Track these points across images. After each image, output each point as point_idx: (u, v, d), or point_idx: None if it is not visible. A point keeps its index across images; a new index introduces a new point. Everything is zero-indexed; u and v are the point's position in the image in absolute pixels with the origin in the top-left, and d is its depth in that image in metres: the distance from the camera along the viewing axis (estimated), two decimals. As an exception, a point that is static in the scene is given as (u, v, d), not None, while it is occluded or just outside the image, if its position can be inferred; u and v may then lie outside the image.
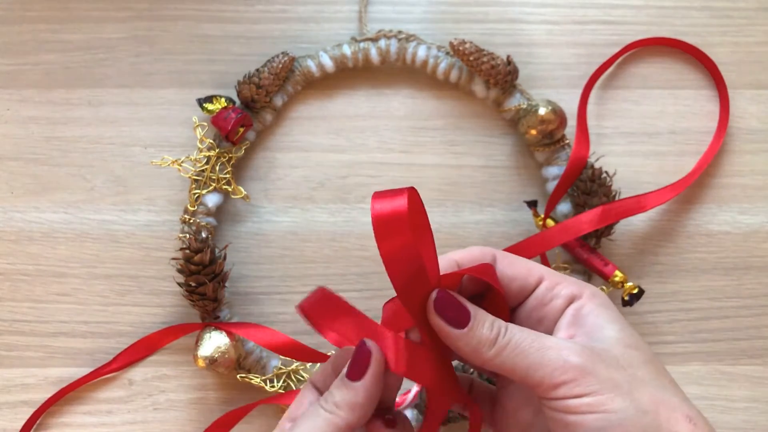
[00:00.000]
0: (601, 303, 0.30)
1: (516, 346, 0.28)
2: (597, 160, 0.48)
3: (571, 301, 0.31)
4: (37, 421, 0.47)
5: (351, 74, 0.50)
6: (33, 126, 0.49)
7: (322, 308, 0.31)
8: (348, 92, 0.50)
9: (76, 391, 0.47)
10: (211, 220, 0.47)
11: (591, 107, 0.50)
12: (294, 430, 0.29)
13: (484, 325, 0.29)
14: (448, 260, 0.32)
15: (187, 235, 0.45)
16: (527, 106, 0.47)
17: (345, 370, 0.30)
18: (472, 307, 0.29)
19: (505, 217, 0.49)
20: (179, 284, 0.46)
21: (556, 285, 0.31)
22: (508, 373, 0.29)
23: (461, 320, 0.29)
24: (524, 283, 0.31)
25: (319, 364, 0.42)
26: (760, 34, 0.51)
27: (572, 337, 0.30)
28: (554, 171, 0.48)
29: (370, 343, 0.30)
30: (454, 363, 0.40)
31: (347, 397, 0.29)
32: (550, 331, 0.30)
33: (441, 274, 0.30)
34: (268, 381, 0.46)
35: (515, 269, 0.32)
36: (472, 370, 0.44)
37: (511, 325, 0.29)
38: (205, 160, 0.47)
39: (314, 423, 0.29)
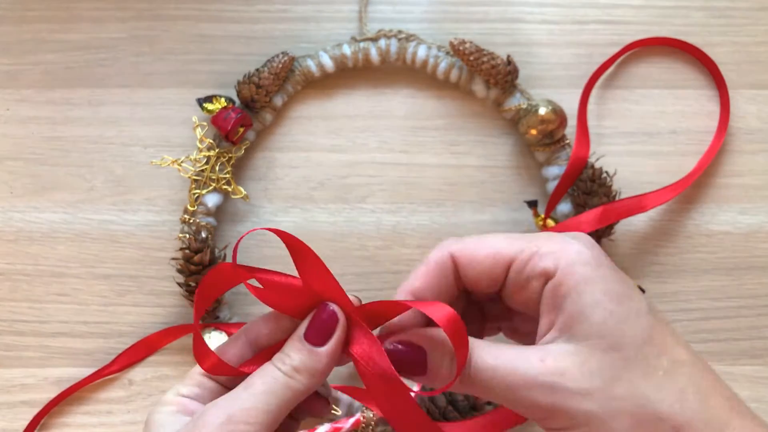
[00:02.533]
0: (581, 275, 0.27)
1: (485, 385, 0.27)
2: (597, 160, 0.48)
3: (546, 278, 0.27)
4: (41, 422, 0.47)
5: (351, 74, 0.50)
6: (33, 126, 0.49)
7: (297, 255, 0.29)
8: (348, 92, 0.50)
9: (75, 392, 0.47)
10: (211, 220, 0.47)
11: (591, 107, 0.50)
12: (249, 389, 0.28)
13: (443, 366, 0.28)
14: (404, 294, 0.30)
15: (187, 235, 0.45)
16: (527, 106, 0.47)
17: (302, 331, 0.29)
18: (428, 347, 0.28)
19: (506, 217, 0.49)
20: (179, 284, 0.46)
21: (526, 264, 0.28)
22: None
23: (416, 369, 0.28)
24: (493, 277, 0.29)
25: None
26: (760, 34, 0.51)
27: (552, 325, 0.27)
28: (554, 171, 0.48)
29: (335, 308, 0.29)
30: None
31: (309, 362, 0.28)
32: (536, 314, 0.28)
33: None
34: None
35: (478, 269, 0.29)
36: None
37: (477, 355, 0.27)
38: (205, 160, 0.47)
39: (270, 386, 0.28)
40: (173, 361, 0.48)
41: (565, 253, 0.27)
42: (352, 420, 0.45)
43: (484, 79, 0.48)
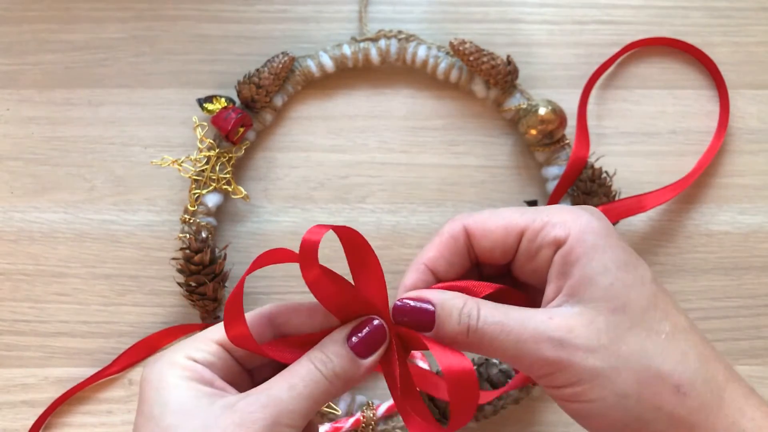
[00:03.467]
0: (590, 243, 0.27)
1: (491, 340, 0.27)
2: (597, 160, 0.48)
3: (557, 246, 0.28)
4: (45, 422, 0.47)
5: (351, 74, 0.50)
6: (33, 126, 0.49)
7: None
8: (348, 92, 0.50)
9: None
10: (211, 220, 0.47)
11: (591, 107, 0.50)
12: (290, 391, 0.27)
13: (451, 321, 0.28)
14: (417, 268, 0.30)
15: (187, 235, 0.46)
16: (527, 106, 0.47)
17: (344, 336, 0.28)
18: (437, 302, 0.28)
19: (505, 217, 0.49)
20: (179, 284, 0.46)
21: (538, 233, 0.28)
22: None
23: (424, 324, 0.28)
24: (506, 247, 0.29)
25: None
26: (760, 34, 0.51)
27: (559, 293, 0.28)
28: (554, 171, 0.48)
29: (384, 324, 0.29)
30: None
31: (350, 371, 0.28)
32: (544, 282, 0.29)
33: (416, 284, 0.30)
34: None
35: (491, 238, 0.29)
36: None
37: (485, 311, 0.27)
38: (205, 160, 0.47)
39: (313, 390, 0.27)
40: (173, 361, 0.48)
41: (576, 222, 0.28)
42: (352, 420, 0.45)
43: (484, 79, 0.48)
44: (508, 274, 0.32)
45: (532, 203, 0.48)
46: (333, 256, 0.36)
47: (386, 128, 0.50)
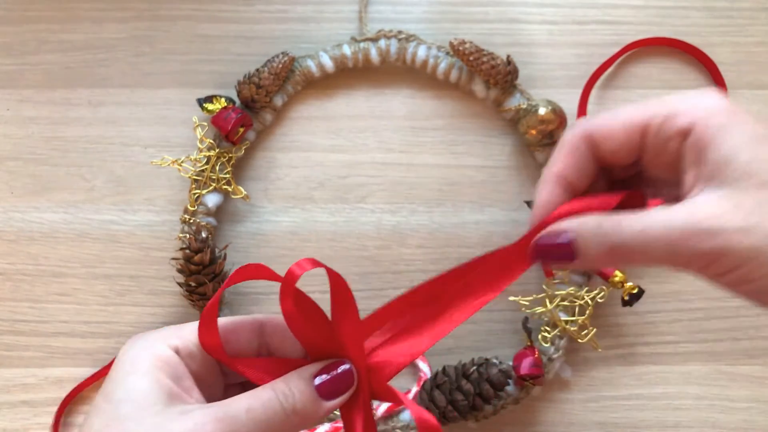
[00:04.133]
0: (722, 123, 0.26)
1: (637, 251, 0.26)
2: (597, 160, 0.48)
3: (684, 136, 0.27)
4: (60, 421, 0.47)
5: (351, 74, 0.50)
6: (33, 126, 0.49)
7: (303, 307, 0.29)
8: (348, 92, 0.50)
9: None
10: (211, 220, 0.47)
11: (591, 107, 0.50)
12: (248, 413, 0.27)
13: (591, 247, 0.27)
14: (549, 179, 0.30)
15: (187, 235, 0.46)
16: (527, 106, 0.47)
17: (311, 374, 0.29)
18: (574, 230, 0.27)
19: (505, 217, 0.49)
20: (179, 284, 0.46)
21: (661, 126, 0.27)
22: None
23: (567, 256, 0.28)
24: (630, 147, 0.28)
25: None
26: (760, 34, 0.51)
27: (698, 179, 0.27)
28: (554, 171, 0.48)
29: (354, 370, 0.29)
30: None
31: (310, 410, 0.28)
32: (679, 174, 0.28)
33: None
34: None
35: (613, 140, 0.28)
36: None
37: (623, 225, 0.26)
38: (205, 160, 0.47)
39: (270, 418, 0.27)
40: (173, 361, 0.48)
41: (699, 107, 0.27)
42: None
43: (483, 80, 0.48)
44: (638, 173, 0.31)
45: (532, 203, 0.48)
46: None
47: (386, 128, 0.50)
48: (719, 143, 0.26)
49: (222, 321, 0.30)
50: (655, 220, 0.26)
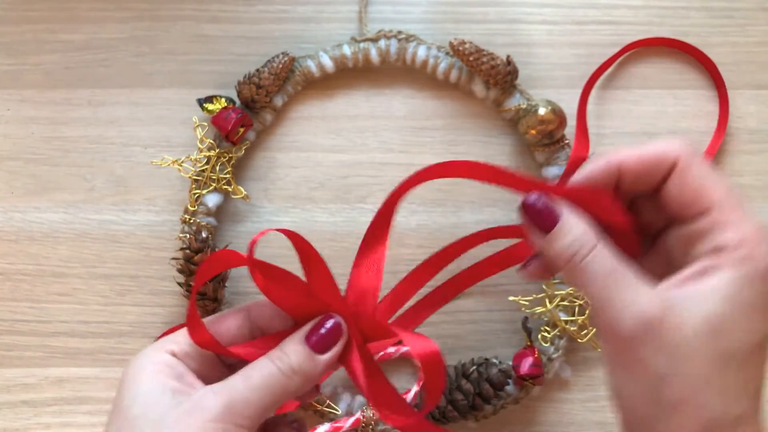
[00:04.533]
0: (742, 272, 0.26)
1: (588, 280, 0.27)
2: (597, 160, 0.48)
3: (713, 252, 0.26)
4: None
5: (351, 74, 0.50)
6: (33, 126, 0.49)
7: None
8: (348, 92, 0.50)
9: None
10: (211, 220, 0.47)
11: (591, 107, 0.50)
12: (245, 381, 0.28)
13: (562, 239, 0.28)
14: (608, 161, 0.29)
15: (187, 235, 0.46)
16: (527, 106, 0.47)
17: (303, 335, 0.30)
18: (565, 214, 0.28)
19: (505, 217, 0.49)
20: (179, 284, 0.46)
21: (715, 227, 0.27)
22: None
23: (545, 226, 0.28)
24: (685, 209, 0.28)
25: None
26: (760, 34, 0.51)
27: (676, 287, 0.26)
28: (554, 171, 0.48)
29: (340, 320, 0.30)
30: None
31: (307, 367, 0.29)
32: (682, 265, 0.28)
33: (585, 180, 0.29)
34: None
35: (685, 188, 0.27)
36: None
37: (597, 251, 0.27)
38: (205, 160, 0.47)
39: (267, 382, 0.28)
40: (173, 361, 0.48)
41: (751, 245, 0.26)
42: (352, 419, 0.45)
43: (483, 80, 0.48)
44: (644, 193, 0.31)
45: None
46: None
47: (386, 128, 0.50)
48: (720, 285, 0.26)
49: (209, 317, 0.32)
50: (618, 273, 0.27)
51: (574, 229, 0.28)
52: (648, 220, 0.31)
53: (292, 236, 0.30)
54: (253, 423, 0.28)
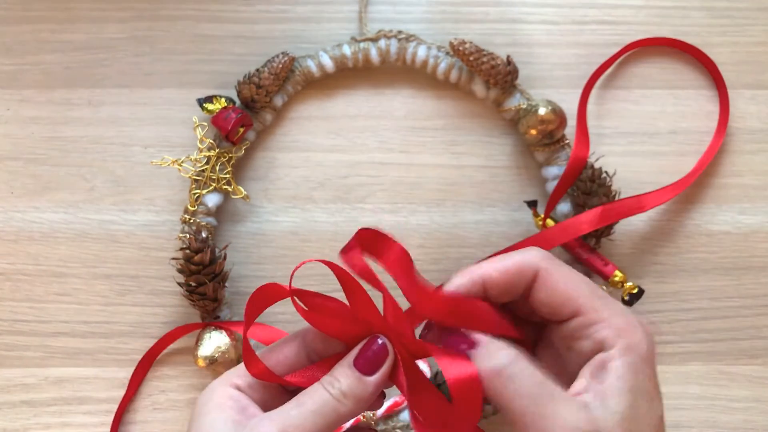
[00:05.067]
0: (630, 362, 0.28)
1: (514, 395, 0.28)
2: (597, 160, 0.48)
3: (600, 348, 0.29)
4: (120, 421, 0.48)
5: (351, 74, 0.50)
6: (33, 126, 0.49)
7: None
8: (348, 92, 0.50)
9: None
10: (211, 220, 0.47)
11: (591, 107, 0.50)
12: (298, 407, 0.29)
13: (488, 359, 0.29)
14: (471, 276, 0.31)
15: (187, 235, 0.46)
16: (527, 106, 0.47)
17: (352, 359, 0.30)
18: (480, 340, 0.29)
19: (505, 217, 0.49)
20: (179, 284, 0.46)
21: (591, 325, 0.29)
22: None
23: (465, 346, 0.29)
24: (556, 312, 0.30)
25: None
26: (760, 34, 0.51)
27: (585, 391, 0.29)
28: (554, 171, 0.48)
29: (385, 340, 0.31)
30: None
31: (357, 390, 0.30)
32: (574, 363, 0.30)
33: (455, 288, 0.31)
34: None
35: (551, 297, 0.30)
36: None
37: (516, 368, 0.28)
38: (205, 160, 0.47)
39: (320, 407, 0.29)
40: (173, 361, 0.48)
41: (627, 336, 0.29)
42: (352, 419, 0.45)
43: (483, 80, 0.48)
44: (542, 328, 0.33)
45: (532, 203, 0.48)
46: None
47: (386, 128, 0.50)
48: (620, 379, 0.28)
49: (267, 348, 0.33)
50: (545, 386, 0.28)
51: (492, 351, 0.29)
52: (526, 317, 0.33)
53: (330, 266, 0.31)
54: None
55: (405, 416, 0.46)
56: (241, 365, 0.32)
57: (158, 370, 0.48)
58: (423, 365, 0.47)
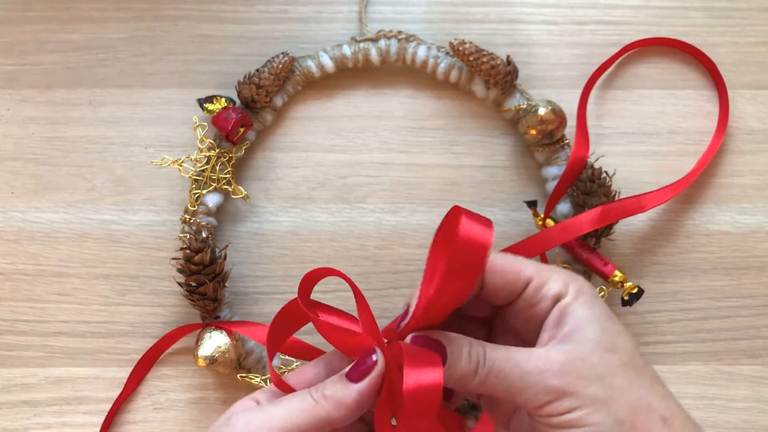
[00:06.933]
0: (584, 300, 0.30)
1: (498, 373, 0.29)
2: (597, 160, 0.48)
3: (557, 300, 0.31)
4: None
5: (351, 74, 0.50)
6: (33, 126, 0.49)
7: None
8: (348, 92, 0.50)
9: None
10: (211, 220, 0.47)
11: (591, 107, 0.50)
12: (277, 405, 0.30)
13: (462, 358, 0.29)
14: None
15: (188, 235, 0.46)
16: (527, 106, 0.47)
17: (347, 369, 0.31)
18: (447, 342, 0.29)
19: (505, 217, 0.49)
20: (179, 284, 0.46)
21: (543, 285, 0.31)
22: (495, 395, 0.30)
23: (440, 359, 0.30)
24: (512, 290, 0.31)
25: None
26: (760, 34, 0.51)
27: (553, 339, 0.30)
28: (554, 171, 0.48)
29: (379, 353, 0.31)
30: None
31: (338, 393, 0.30)
32: (536, 331, 0.31)
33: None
34: (268, 380, 0.46)
35: (503, 277, 0.31)
36: None
37: (489, 350, 0.29)
38: (206, 160, 0.47)
39: (298, 406, 0.30)
40: (173, 361, 0.48)
41: (574, 282, 0.31)
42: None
43: (483, 80, 0.48)
44: (500, 317, 0.34)
45: (532, 203, 0.48)
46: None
47: (386, 128, 0.50)
48: (580, 313, 0.30)
49: (292, 371, 0.34)
50: (515, 351, 0.29)
51: (463, 343, 0.30)
52: (473, 315, 0.34)
53: (339, 275, 0.31)
54: None
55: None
56: (274, 408, 0.32)
57: (158, 370, 0.48)
58: None
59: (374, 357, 0.31)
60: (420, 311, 0.29)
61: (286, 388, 0.32)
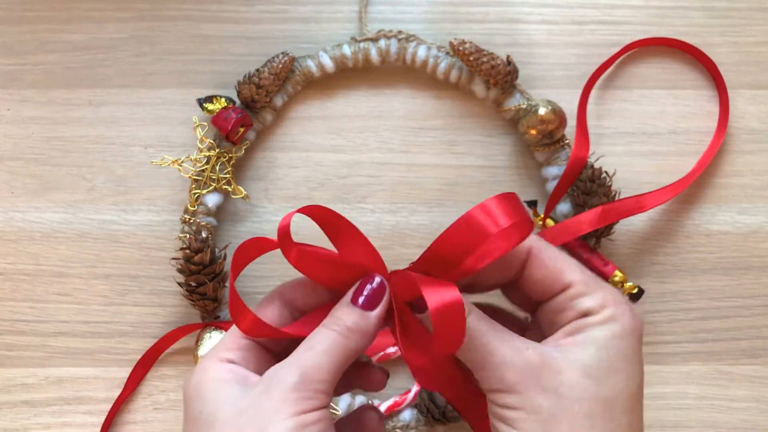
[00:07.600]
0: (610, 328, 0.28)
1: (469, 341, 0.29)
2: (597, 160, 0.48)
3: (583, 315, 0.29)
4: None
5: (351, 74, 0.50)
6: (33, 126, 0.49)
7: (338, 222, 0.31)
8: (348, 92, 0.50)
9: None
10: (211, 220, 0.47)
11: (591, 107, 0.50)
12: (308, 351, 0.29)
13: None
14: None
15: (188, 235, 0.46)
16: (527, 106, 0.47)
17: (349, 299, 0.31)
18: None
19: (505, 217, 0.49)
20: (179, 284, 0.46)
21: (578, 296, 0.30)
22: (464, 362, 0.30)
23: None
24: (547, 288, 0.30)
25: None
26: (760, 34, 0.51)
27: (551, 342, 0.29)
28: (554, 171, 0.48)
29: (381, 278, 0.31)
30: None
31: (362, 324, 0.30)
32: (548, 330, 0.31)
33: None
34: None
35: (543, 273, 0.30)
36: None
37: (474, 319, 0.29)
38: (206, 160, 0.47)
39: (330, 345, 0.29)
40: (173, 361, 0.48)
41: (613, 308, 0.29)
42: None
43: (483, 80, 0.48)
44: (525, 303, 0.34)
45: (532, 203, 0.48)
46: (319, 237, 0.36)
47: (386, 128, 0.50)
48: (591, 336, 0.29)
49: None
50: (495, 328, 0.29)
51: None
52: (517, 305, 0.34)
53: (312, 210, 0.31)
54: (328, 387, 0.29)
55: (405, 416, 0.46)
56: (224, 340, 0.31)
57: (158, 370, 0.48)
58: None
59: (377, 279, 0.31)
60: (427, 253, 0.30)
61: (264, 330, 0.30)
